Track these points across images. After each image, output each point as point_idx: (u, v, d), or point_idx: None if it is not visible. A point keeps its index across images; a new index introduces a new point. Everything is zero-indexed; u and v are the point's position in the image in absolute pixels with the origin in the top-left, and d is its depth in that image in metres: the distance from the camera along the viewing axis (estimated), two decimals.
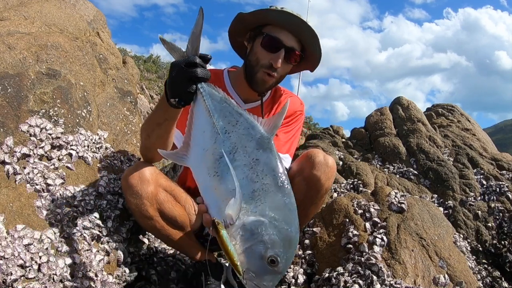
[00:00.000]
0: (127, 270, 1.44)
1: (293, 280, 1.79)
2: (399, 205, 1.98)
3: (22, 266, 1.14)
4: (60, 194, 1.37)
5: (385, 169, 3.40)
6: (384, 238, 1.80)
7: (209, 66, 1.07)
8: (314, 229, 2.00)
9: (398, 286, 1.59)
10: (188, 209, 1.51)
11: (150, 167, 1.37)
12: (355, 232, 1.86)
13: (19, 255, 1.14)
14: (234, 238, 0.84)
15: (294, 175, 1.54)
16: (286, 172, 0.92)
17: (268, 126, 0.95)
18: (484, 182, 3.02)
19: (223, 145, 0.91)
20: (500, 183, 2.95)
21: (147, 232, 1.87)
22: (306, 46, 1.50)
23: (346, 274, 1.67)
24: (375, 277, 1.61)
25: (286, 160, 1.63)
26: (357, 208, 2.00)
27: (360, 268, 1.67)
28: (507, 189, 2.87)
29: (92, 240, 1.36)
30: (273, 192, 0.88)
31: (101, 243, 1.39)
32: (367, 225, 1.89)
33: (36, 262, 1.18)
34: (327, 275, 1.72)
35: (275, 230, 0.85)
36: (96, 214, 1.42)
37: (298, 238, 0.90)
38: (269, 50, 1.45)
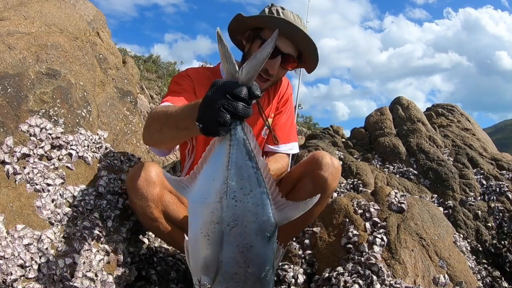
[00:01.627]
0: (127, 270, 1.44)
1: (293, 280, 1.79)
2: (399, 205, 1.98)
3: (22, 266, 1.14)
4: (60, 194, 1.37)
5: (385, 169, 3.40)
6: (384, 238, 1.80)
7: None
8: (314, 229, 2.00)
9: (398, 286, 1.59)
10: None
11: (156, 168, 1.36)
12: (355, 232, 1.86)
13: (19, 255, 1.14)
14: None
15: (301, 176, 1.58)
16: (273, 265, 0.89)
17: (279, 213, 0.86)
18: (484, 182, 3.02)
19: (225, 211, 0.83)
20: (500, 183, 2.95)
21: (147, 232, 1.87)
22: (303, 52, 1.52)
23: (346, 274, 1.67)
24: (375, 277, 1.61)
25: (294, 148, 1.75)
26: (357, 208, 2.00)
27: (360, 268, 1.67)
28: (507, 189, 2.87)
29: (92, 240, 1.36)
30: (253, 282, 0.85)
31: (101, 243, 1.39)
32: (367, 225, 1.89)
33: (36, 262, 1.18)
34: (327, 275, 1.72)
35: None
36: (96, 214, 1.42)
37: None
38: None
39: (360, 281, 1.61)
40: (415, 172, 3.27)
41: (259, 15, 1.46)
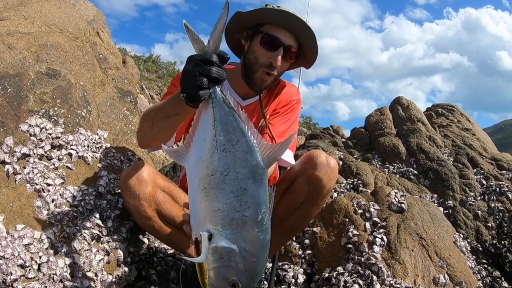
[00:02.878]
0: (127, 270, 1.44)
1: (293, 280, 1.79)
2: (399, 205, 1.98)
3: (22, 266, 1.14)
4: (60, 194, 1.37)
5: (385, 169, 3.40)
6: (384, 238, 1.80)
7: None
8: (314, 229, 2.01)
9: (398, 286, 1.59)
10: (187, 210, 1.51)
11: (148, 167, 1.38)
12: (355, 232, 1.86)
13: (19, 255, 1.14)
14: (205, 260, 0.88)
15: (296, 175, 1.55)
16: (269, 206, 0.93)
17: (267, 155, 0.93)
18: (484, 182, 3.02)
19: (217, 163, 0.91)
20: (500, 183, 2.95)
21: (147, 232, 1.87)
22: (303, 43, 1.53)
23: (346, 274, 1.67)
24: (375, 277, 1.61)
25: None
26: (357, 208, 2.00)
27: (360, 268, 1.67)
28: (507, 189, 2.87)
29: (92, 240, 1.36)
30: (251, 226, 0.90)
31: (101, 243, 1.39)
32: (367, 225, 1.89)
33: (36, 262, 1.18)
34: (327, 275, 1.72)
35: (243, 260, 0.90)
36: (96, 214, 1.42)
37: (262, 272, 0.96)
38: (268, 48, 1.47)
39: (360, 281, 1.61)
40: (415, 172, 3.27)
41: (258, 9, 1.48)
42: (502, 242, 2.55)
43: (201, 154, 0.94)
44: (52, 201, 1.34)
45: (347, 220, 1.95)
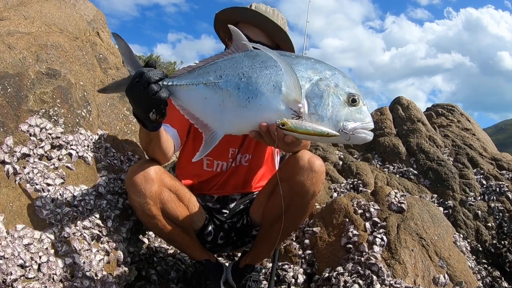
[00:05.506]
0: (127, 270, 1.44)
1: (293, 280, 1.79)
2: (399, 205, 1.98)
3: (22, 266, 1.14)
4: (60, 194, 1.37)
5: (385, 169, 3.40)
6: (384, 238, 1.80)
7: None
8: (314, 229, 2.01)
9: (398, 286, 1.59)
10: (191, 209, 1.51)
11: (155, 165, 1.38)
12: (355, 232, 1.86)
13: (19, 255, 1.14)
14: (313, 113, 0.92)
15: (280, 180, 1.42)
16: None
17: (239, 47, 1.01)
18: (484, 182, 3.02)
19: (230, 83, 0.97)
20: (500, 183, 2.95)
21: (147, 232, 1.87)
22: (278, 43, 1.58)
23: (346, 274, 1.67)
24: (375, 277, 1.61)
25: None
26: (357, 208, 2.00)
27: (360, 268, 1.67)
28: (507, 189, 2.87)
29: (92, 240, 1.36)
30: (296, 63, 0.95)
31: (101, 243, 1.39)
32: (367, 225, 1.89)
33: (36, 262, 1.18)
34: (327, 275, 1.73)
35: (329, 79, 0.94)
36: (96, 214, 1.42)
37: (345, 74, 0.98)
38: None
39: (360, 281, 1.61)
40: (415, 172, 3.27)
41: (228, 8, 1.55)
42: (502, 242, 2.55)
43: (216, 103, 0.98)
44: (52, 201, 1.34)
45: (347, 220, 1.95)
